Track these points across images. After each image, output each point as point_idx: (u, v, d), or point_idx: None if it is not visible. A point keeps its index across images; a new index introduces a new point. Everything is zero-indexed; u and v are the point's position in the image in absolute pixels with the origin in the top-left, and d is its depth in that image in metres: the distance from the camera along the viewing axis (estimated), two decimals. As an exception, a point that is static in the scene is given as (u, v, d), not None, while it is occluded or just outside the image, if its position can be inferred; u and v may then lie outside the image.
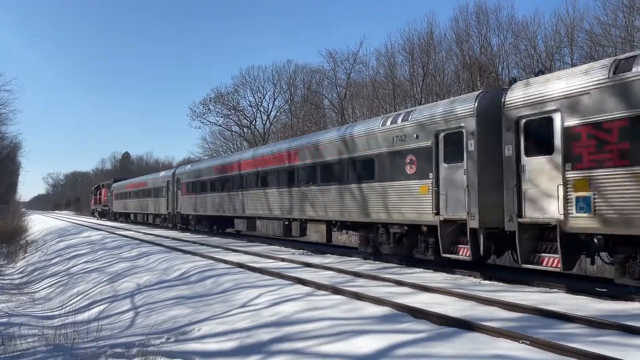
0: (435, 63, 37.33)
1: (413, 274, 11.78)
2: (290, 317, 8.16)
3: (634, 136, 8.03)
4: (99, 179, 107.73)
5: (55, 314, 12.84)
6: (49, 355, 7.69)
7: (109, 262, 18.42)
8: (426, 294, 9.17)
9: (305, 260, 14.06)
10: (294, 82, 59.37)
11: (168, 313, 9.96)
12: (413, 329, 6.95)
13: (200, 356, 7.15)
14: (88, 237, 29.45)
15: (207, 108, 59.86)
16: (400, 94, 38.49)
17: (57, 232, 39.01)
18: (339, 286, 9.77)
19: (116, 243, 23.37)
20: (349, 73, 43.62)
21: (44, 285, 18.44)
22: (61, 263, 22.37)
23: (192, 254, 16.71)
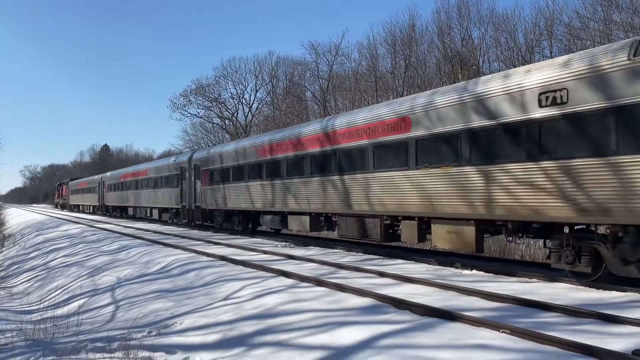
0: (417, 55, 37.49)
1: (395, 265, 11.86)
2: (273, 309, 8.16)
3: None
4: (77, 171, 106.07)
5: (34, 308, 12.64)
6: (28, 350, 7.56)
7: (88, 255, 18.18)
8: (408, 285, 9.24)
9: (288, 253, 14.05)
10: (275, 74, 59.08)
11: (150, 307, 9.88)
12: (395, 319, 6.99)
13: (183, 349, 7.11)
14: (67, 230, 29.02)
15: (187, 100, 59.26)
16: (382, 86, 38.57)
17: (35, 226, 38.36)
18: (322, 278, 9.79)
19: (96, 237, 23.08)
20: (331, 65, 43.57)
21: (22, 280, 18.13)
22: (39, 257, 22.02)
23: (174, 247, 16.59)
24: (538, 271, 10.45)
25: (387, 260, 12.82)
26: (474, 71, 36.34)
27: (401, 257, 12.98)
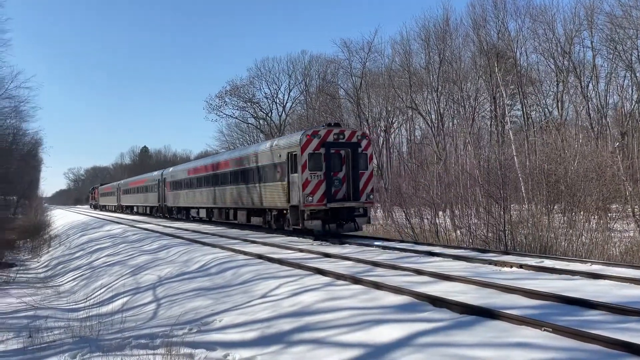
0: (452, 50, 36.95)
1: (432, 262, 11.75)
2: (310, 307, 8.21)
3: None
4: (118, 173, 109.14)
5: (80, 306, 13.09)
6: (75, 346, 7.85)
7: (130, 255, 18.68)
8: (446, 283, 9.13)
9: (323, 251, 14.09)
10: (308, 72, 59.30)
11: (190, 304, 10.09)
12: (433, 317, 6.93)
13: (223, 346, 7.24)
14: (109, 230, 29.89)
15: (223, 101, 60.19)
16: (416, 82, 38.19)
17: (79, 227, 39.67)
18: (358, 276, 9.78)
19: (137, 236, 23.68)
20: (364, 62, 43.43)
21: (68, 279, 18.79)
22: (84, 257, 22.76)
23: (212, 245, 16.85)
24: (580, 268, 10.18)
25: (423, 257, 12.72)
26: (511, 64, 35.56)
27: (438, 255, 12.86)
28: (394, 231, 23.35)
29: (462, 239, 20.29)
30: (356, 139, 17.95)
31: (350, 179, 17.74)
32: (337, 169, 17.70)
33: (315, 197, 17.12)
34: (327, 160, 17.34)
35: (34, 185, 70.20)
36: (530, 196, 20.37)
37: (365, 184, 17.93)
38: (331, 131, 17.71)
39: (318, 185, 17.18)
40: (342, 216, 17.61)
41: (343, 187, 17.81)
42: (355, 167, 17.72)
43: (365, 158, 18.17)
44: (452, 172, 25.39)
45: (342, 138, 17.80)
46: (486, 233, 18.92)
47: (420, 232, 21.63)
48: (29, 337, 8.95)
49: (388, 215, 27.74)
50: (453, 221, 22.34)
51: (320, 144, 17.32)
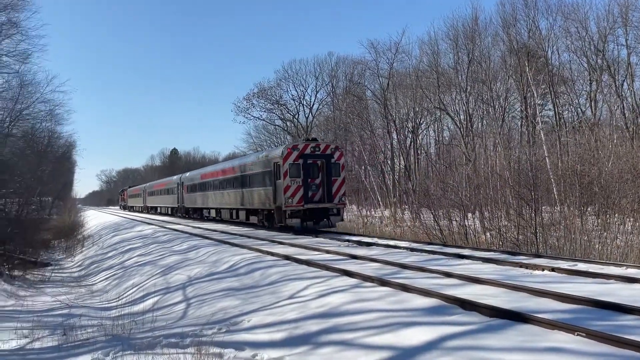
0: (481, 49, 36.43)
1: (461, 265, 11.61)
2: (337, 308, 8.21)
3: None
4: (148, 174, 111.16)
5: (112, 305, 13.38)
6: (108, 345, 8.03)
7: (161, 255, 19.00)
8: (475, 286, 9.01)
9: (350, 252, 14.07)
10: (335, 74, 59.36)
11: (219, 304, 10.21)
12: (463, 320, 6.85)
13: (251, 346, 7.30)
14: (140, 231, 30.47)
15: (250, 103, 60.79)
16: (444, 82, 37.80)
17: (112, 227, 40.55)
18: (385, 278, 9.73)
19: (167, 237, 24.07)
20: (391, 63, 43.24)
21: (101, 278, 19.22)
22: (116, 256, 23.26)
23: (240, 246, 17.01)
24: (615, 272, 9.91)
25: (452, 260, 12.58)
26: (542, 63, 34.89)
27: (467, 258, 12.70)
28: (422, 233, 23.16)
29: (491, 241, 19.98)
30: (330, 151, 21.35)
31: (325, 185, 21.00)
32: (314, 176, 20.97)
33: (294, 199, 20.44)
34: (305, 169, 20.71)
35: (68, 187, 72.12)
36: (563, 198, 19.94)
37: (337, 188, 21.21)
38: (308, 145, 21.19)
39: (297, 190, 20.52)
40: (318, 215, 20.86)
41: (319, 191, 21.01)
42: (329, 174, 21.07)
43: (337, 167, 21.38)
44: (482, 173, 25.03)
45: (317, 150, 21.20)
46: (517, 235, 18.60)
47: (448, 234, 21.40)
48: (64, 335, 9.19)
49: (416, 217, 27.52)
50: (482, 223, 22.01)
51: (299, 156, 20.75)
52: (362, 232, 26.23)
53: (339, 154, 21.58)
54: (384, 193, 39.54)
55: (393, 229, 28.94)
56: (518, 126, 38.60)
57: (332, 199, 20.99)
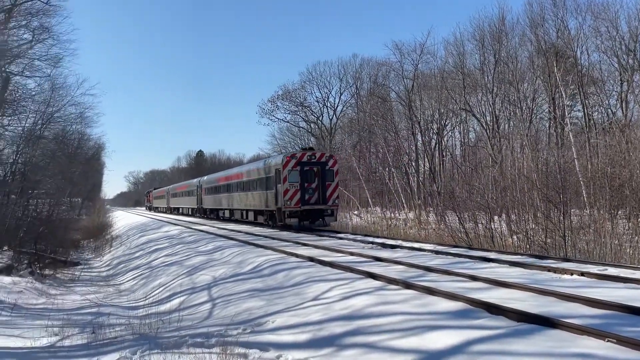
0: (508, 50, 35.90)
1: (487, 268, 11.46)
2: (361, 310, 8.19)
3: None
4: (175, 176, 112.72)
5: (140, 304, 13.61)
6: (136, 343, 8.16)
7: (187, 255, 19.25)
8: (502, 289, 8.88)
9: (374, 255, 14.02)
10: (359, 76, 59.29)
11: (243, 305, 10.29)
12: (489, 325, 6.76)
13: (275, 347, 7.34)
14: (167, 232, 30.91)
15: (275, 105, 61.14)
16: (470, 83, 37.37)
17: (139, 228, 41.24)
18: (410, 280, 9.67)
19: (193, 237, 24.36)
20: (416, 64, 42.96)
21: (129, 278, 19.56)
22: (143, 256, 23.64)
23: (264, 247, 17.12)
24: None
25: (478, 263, 12.42)
26: (571, 63, 34.22)
27: (493, 261, 12.53)
28: (447, 236, 22.92)
29: (518, 244, 19.65)
30: (325, 159, 24.04)
31: (320, 189, 23.47)
32: (310, 181, 23.40)
33: (292, 201, 23.00)
34: (302, 175, 23.25)
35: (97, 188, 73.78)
36: (592, 201, 19.50)
37: (331, 192, 23.65)
38: (305, 153, 23.86)
39: (295, 193, 23.11)
40: (314, 215, 23.41)
41: (315, 195, 23.47)
42: (324, 179, 23.54)
43: (332, 173, 23.85)
44: (509, 175, 24.65)
45: (314, 158, 23.74)
46: (544, 239, 18.26)
47: (474, 237, 21.12)
48: (93, 333, 9.39)
49: (441, 220, 27.26)
50: (509, 226, 21.67)
51: (297, 163, 23.33)
52: (386, 235, 26.10)
53: (332, 162, 24.07)
54: (408, 195, 39.26)
55: (417, 231, 28.70)
56: (546, 128, 37.91)
57: (327, 201, 23.49)
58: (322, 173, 23.54)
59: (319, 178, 23.50)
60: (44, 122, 25.43)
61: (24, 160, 23.44)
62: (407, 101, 41.54)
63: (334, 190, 23.70)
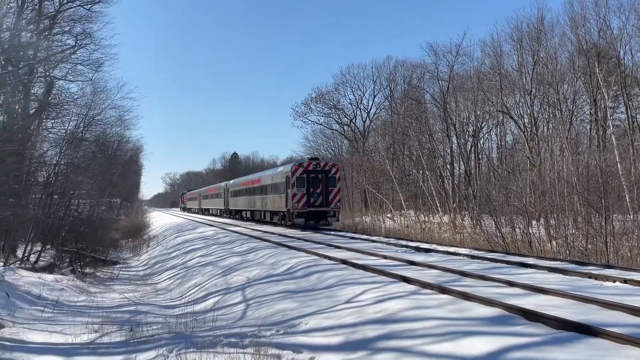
0: (547, 50, 34.99)
1: (524, 274, 11.20)
2: (395, 314, 8.12)
3: None
4: (210, 178, 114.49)
5: (176, 303, 13.87)
6: (172, 342, 8.32)
7: (221, 256, 19.51)
8: (540, 296, 8.66)
9: (408, 258, 13.89)
10: (393, 78, 58.89)
11: (276, 306, 10.35)
12: (527, 332, 6.61)
13: (308, 349, 7.36)
14: (202, 232, 31.41)
15: (308, 108, 61.32)
16: (507, 84, 36.62)
17: (175, 228, 42.04)
18: (445, 285, 9.54)
19: (227, 238, 24.68)
20: (451, 66, 42.33)
21: (165, 277, 19.95)
22: (179, 257, 24.08)
23: (297, 249, 17.19)
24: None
25: (515, 269, 12.16)
26: (614, 64, 33.13)
27: (531, 267, 12.24)
28: (482, 240, 22.52)
29: (557, 250, 19.14)
30: (328, 167, 27.70)
31: (324, 193, 27.03)
32: (315, 187, 26.94)
33: (299, 204, 26.71)
34: (308, 181, 26.85)
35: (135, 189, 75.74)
36: (636, 206, 18.82)
37: (334, 196, 27.36)
38: (311, 163, 27.82)
39: (302, 197, 26.76)
40: (318, 216, 27.07)
41: (320, 198, 26.98)
42: (327, 185, 27.16)
43: (334, 180, 27.56)
44: (547, 179, 24.04)
45: (318, 167, 27.41)
46: (585, 245, 17.73)
47: (511, 241, 20.69)
48: (131, 331, 9.62)
49: (476, 224, 26.80)
50: (548, 231, 21.13)
51: (304, 171, 27.01)
52: (420, 238, 25.84)
53: (335, 170, 27.81)
54: (443, 198, 38.72)
55: (452, 235, 28.30)
56: (587, 130, 36.79)
57: (329, 204, 27.15)
58: (326, 180, 27.12)
59: (323, 184, 27.01)
60: (86, 124, 26.22)
61: (66, 161, 24.19)
62: (442, 103, 41.01)
63: (336, 194, 27.30)
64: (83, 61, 23.20)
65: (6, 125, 20.47)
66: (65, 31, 23.46)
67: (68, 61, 23.35)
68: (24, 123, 21.40)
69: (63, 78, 24.22)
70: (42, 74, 23.40)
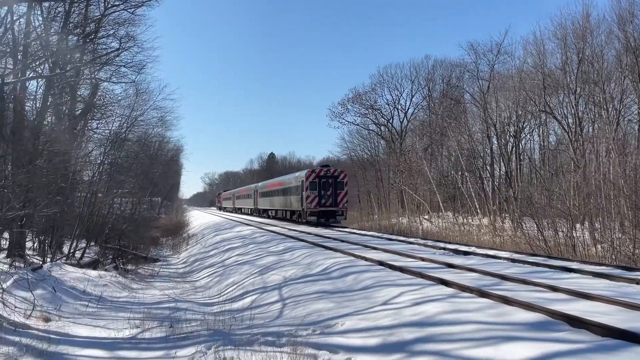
0: (593, 48, 33.84)
1: (568, 279, 10.86)
2: (432, 317, 8.01)
3: None
4: (247, 178, 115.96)
5: (214, 301, 14.08)
6: (210, 339, 8.45)
7: (258, 255, 19.70)
8: (584, 302, 8.37)
9: (446, 261, 13.68)
10: (432, 77, 58.09)
11: (312, 306, 10.37)
12: (570, 338, 6.39)
13: (345, 350, 7.33)
14: (239, 232, 31.80)
15: (345, 108, 61.19)
16: (551, 84, 35.59)
17: (213, 227, 42.73)
18: (484, 289, 9.33)
19: (264, 238, 24.90)
20: (492, 65, 41.53)
21: (203, 275, 20.30)
22: (217, 255, 24.46)
23: (334, 250, 17.18)
24: None
25: (558, 273, 11.80)
26: (664, 61, 31.73)
27: (575, 271, 11.85)
28: (523, 243, 21.96)
29: (603, 255, 18.48)
30: (337, 173, 32.45)
31: (333, 195, 31.91)
32: (326, 190, 31.83)
33: (312, 204, 31.70)
34: (320, 185, 31.79)
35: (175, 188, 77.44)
36: (688, 210, 17.95)
37: (341, 198, 32.16)
38: (322, 169, 32.64)
39: (314, 199, 31.77)
40: (328, 215, 32.02)
41: (329, 199, 31.89)
42: (336, 188, 32.01)
43: (342, 184, 32.27)
44: (593, 181, 23.24)
45: (328, 173, 32.27)
46: (632, 249, 17.06)
47: (554, 245, 20.11)
48: (171, 327, 9.83)
49: (517, 226, 26.17)
50: (592, 235, 20.43)
51: (316, 177, 31.99)
52: (458, 241, 25.43)
53: (343, 175, 32.68)
54: (482, 200, 37.99)
55: (492, 238, 27.72)
56: (635, 130, 35.36)
57: (338, 205, 32.04)
58: (335, 184, 31.99)
59: (332, 187, 31.91)
60: (129, 125, 26.97)
61: (110, 161, 24.97)
62: (482, 103, 40.24)
63: (343, 196, 32.18)
64: (126, 63, 23.85)
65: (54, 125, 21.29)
66: (109, 34, 24.18)
67: (112, 63, 24.08)
68: (70, 124, 22.21)
69: (107, 80, 24.99)
70: (87, 76, 24.17)
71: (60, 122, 21.48)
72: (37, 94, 21.87)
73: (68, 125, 21.62)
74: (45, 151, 19.12)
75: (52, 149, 19.03)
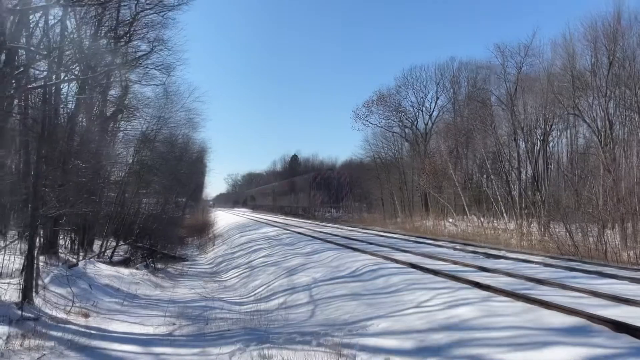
0: (624, 50, 33.17)
1: (604, 284, 10.70)
2: (466, 321, 8.00)
3: None
4: (270, 179, 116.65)
5: (244, 300, 14.24)
6: (247, 337, 8.57)
7: (285, 256, 19.84)
8: (625, 307, 8.26)
9: (478, 264, 13.61)
10: (457, 79, 57.54)
11: (344, 308, 10.43)
12: (610, 344, 6.34)
13: (381, 352, 7.37)
14: (265, 233, 32.02)
15: (369, 110, 61.03)
16: (580, 86, 34.98)
17: (238, 227, 43.07)
18: (519, 292, 9.29)
19: (290, 239, 25.04)
20: (519, 66, 40.95)
21: (231, 275, 20.51)
22: (244, 256, 24.67)
23: (362, 251, 17.22)
24: None
25: (594, 278, 11.65)
26: (700, 63, 30.94)
27: (610, 276, 11.68)
28: (552, 247, 21.66)
29: (635, 260, 18.11)
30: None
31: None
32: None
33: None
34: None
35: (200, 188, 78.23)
36: None
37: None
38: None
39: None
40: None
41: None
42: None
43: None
44: (624, 185, 22.80)
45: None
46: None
47: (584, 250, 19.78)
48: (206, 325, 10.00)
49: (545, 230, 25.80)
50: (624, 240, 20.04)
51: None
52: (485, 244, 25.20)
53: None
54: (509, 204, 37.50)
55: (519, 241, 27.38)
56: (668, 134, 34.51)
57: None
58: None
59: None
60: (158, 127, 27.41)
61: (138, 160, 25.43)
62: (509, 105, 39.76)
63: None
64: (156, 66, 24.25)
65: (86, 126, 21.79)
66: (140, 37, 24.62)
67: (142, 66, 24.51)
68: (101, 124, 22.69)
69: (138, 82, 25.45)
70: (118, 78, 24.66)
71: (92, 123, 21.96)
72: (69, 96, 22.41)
73: (99, 126, 22.10)
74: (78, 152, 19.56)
75: (86, 149, 19.48)
